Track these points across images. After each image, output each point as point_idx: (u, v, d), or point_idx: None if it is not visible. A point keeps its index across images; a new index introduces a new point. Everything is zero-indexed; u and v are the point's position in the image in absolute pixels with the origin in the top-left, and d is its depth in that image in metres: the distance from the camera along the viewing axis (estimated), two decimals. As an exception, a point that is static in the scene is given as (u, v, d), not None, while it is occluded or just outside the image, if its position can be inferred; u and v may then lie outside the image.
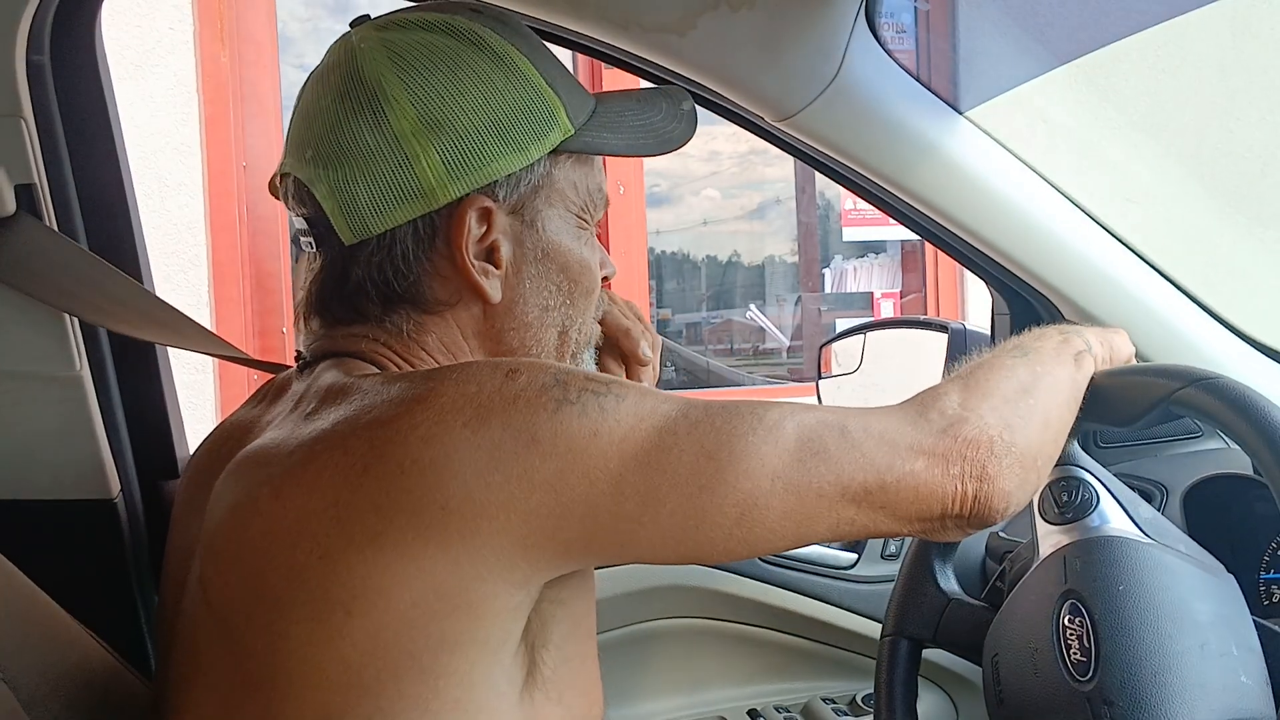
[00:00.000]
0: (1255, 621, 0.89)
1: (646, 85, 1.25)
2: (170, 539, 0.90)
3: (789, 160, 3.83)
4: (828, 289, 4.14)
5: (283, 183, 0.85)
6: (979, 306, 3.78)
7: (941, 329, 1.50)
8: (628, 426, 0.70)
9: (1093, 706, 0.85)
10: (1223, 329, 1.34)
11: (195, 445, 0.95)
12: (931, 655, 1.15)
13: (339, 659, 0.68)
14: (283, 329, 3.25)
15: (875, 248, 4.08)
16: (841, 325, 3.04)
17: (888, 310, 4.02)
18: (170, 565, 0.88)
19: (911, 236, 3.52)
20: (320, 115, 0.81)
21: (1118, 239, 1.32)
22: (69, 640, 0.90)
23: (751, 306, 4.22)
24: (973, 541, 1.32)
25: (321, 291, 0.84)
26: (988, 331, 1.50)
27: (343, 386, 0.76)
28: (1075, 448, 1.00)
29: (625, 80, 1.25)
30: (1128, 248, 1.33)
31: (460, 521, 0.66)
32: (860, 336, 1.61)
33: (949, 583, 1.06)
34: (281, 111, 3.22)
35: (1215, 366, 1.03)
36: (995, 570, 1.10)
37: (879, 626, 1.09)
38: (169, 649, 0.82)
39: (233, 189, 3.15)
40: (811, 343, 4.03)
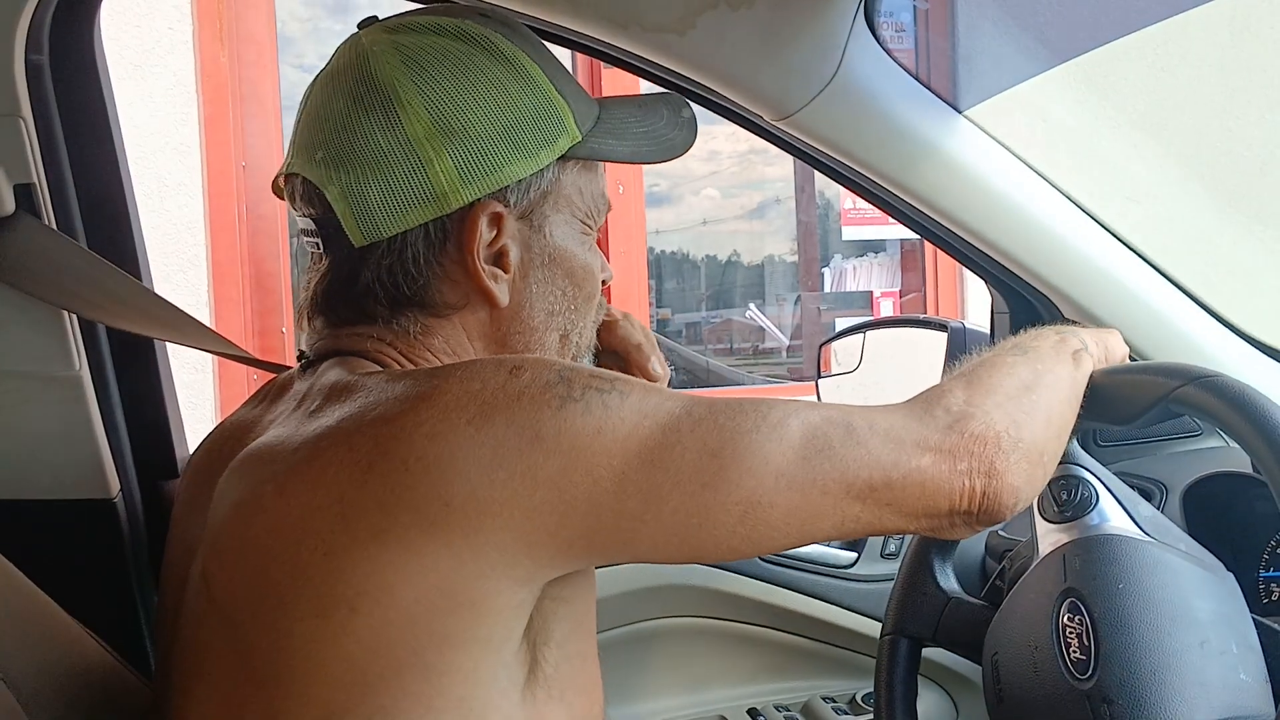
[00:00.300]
0: (1255, 619, 0.89)
1: (647, 85, 1.25)
2: (171, 538, 0.90)
3: (788, 159, 3.82)
4: (827, 288, 4.14)
5: (288, 183, 0.85)
6: (978, 305, 3.78)
7: (941, 328, 1.50)
8: (631, 423, 0.70)
9: (1092, 705, 0.85)
10: (1222, 327, 1.34)
11: (195, 445, 0.95)
12: (931, 654, 1.16)
13: (343, 656, 0.68)
14: (282, 329, 3.25)
15: (875, 247, 4.08)
16: (841, 324, 3.03)
17: (887, 309, 4.02)
18: (171, 564, 0.88)
19: (911, 235, 3.52)
20: (331, 117, 0.81)
21: (1117, 238, 1.32)
22: (69, 640, 0.90)
23: (751, 306, 4.22)
24: (972, 540, 1.32)
25: (328, 292, 0.84)
26: (987, 330, 1.50)
27: (347, 384, 0.76)
28: (1075, 446, 1.00)
29: (625, 79, 1.25)
30: (1127, 246, 1.33)
31: (464, 519, 0.67)
32: (860, 335, 1.61)
33: (949, 581, 1.06)
34: (281, 112, 3.22)
35: (1214, 365, 1.03)
36: (995, 569, 1.10)
37: (879, 625, 1.09)
38: (171, 647, 0.82)
39: (232, 189, 3.14)
40: (811, 342, 4.03)
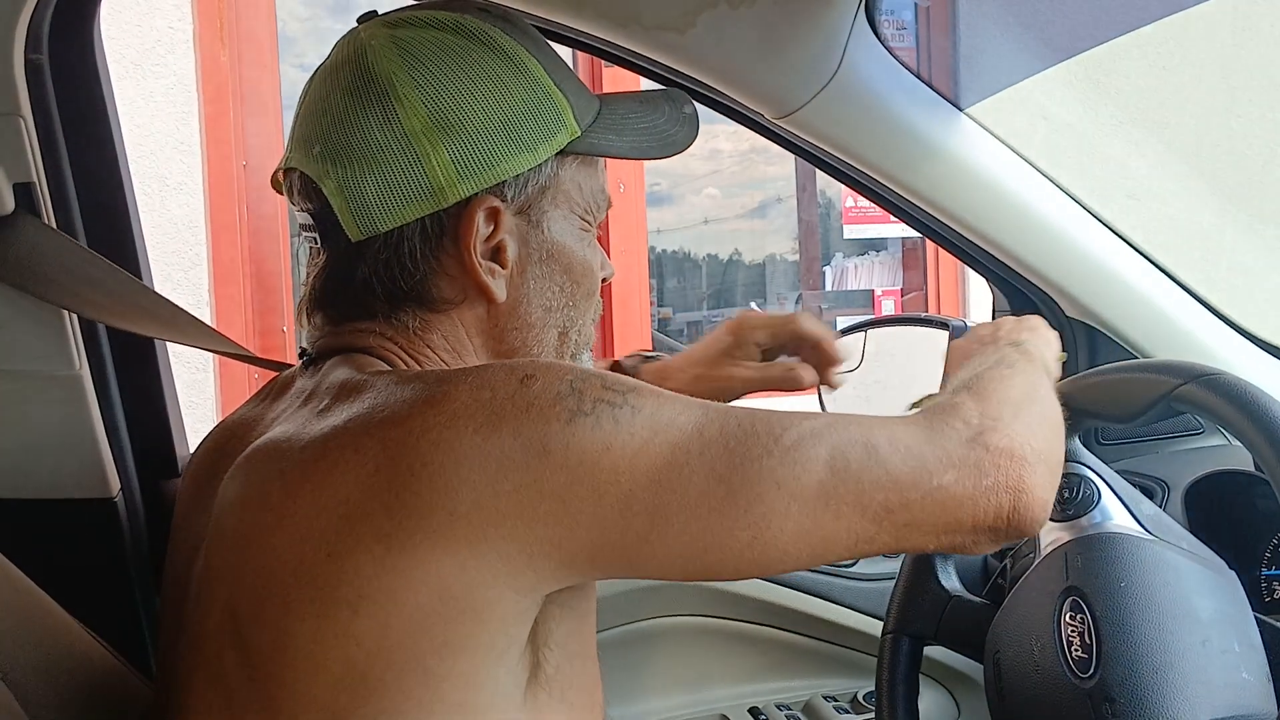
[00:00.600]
0: (1257, 618, 0.89)
1: (647, 83, 1.25)
2: (173, 536, 0.89)
3: (790, 158, 3.82)
4: (828, 287, 4.13)
5: (286, 177, 0.85)
6: (980, 304, 3.78)
7: (943, 326, 1.49)
8: (641, 441, 0.69)
9: (1094, 703, 0.84)
10: (1223, 325, 1.34)
11: (195, 444, 0.95)
12: (933, 653, 1.16)
13: (344, 658, 0.68)
14: (283, 328, 3.25)
15: (876, 245, 4.08)
16: (842, 323, 3.03)
17: (889, 308, 4.02)
18: (173, 563, 0.87)
19: (912, 234, 3.52)
20: (329, 111, 0.81)
21: (1119, 235, 1.32)
22: (69, 639, 0.90)
23: (752, 304, 4.22)
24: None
25: (326, 287, 0.83)
26: (988, 329, 1.50)
27: (356, 383, 0.75)
28: (1077, 444, 1.00)
29: (625, 78, 1.25)
30: (1129, 244, 1.33)
31: (468, 527, 0.66)
32: (861, 334, 1.60)
33: (950, 580, 1.06)
34: (282, 111, 3.22)
35: (1216, 362, 1.03)
36: (996, 567, 1.10)
37: (880, 624, 1.09)
38: (173, 646, 0.82)
39: (233, 188, 3.14)
40: (812, 341, 4.02)
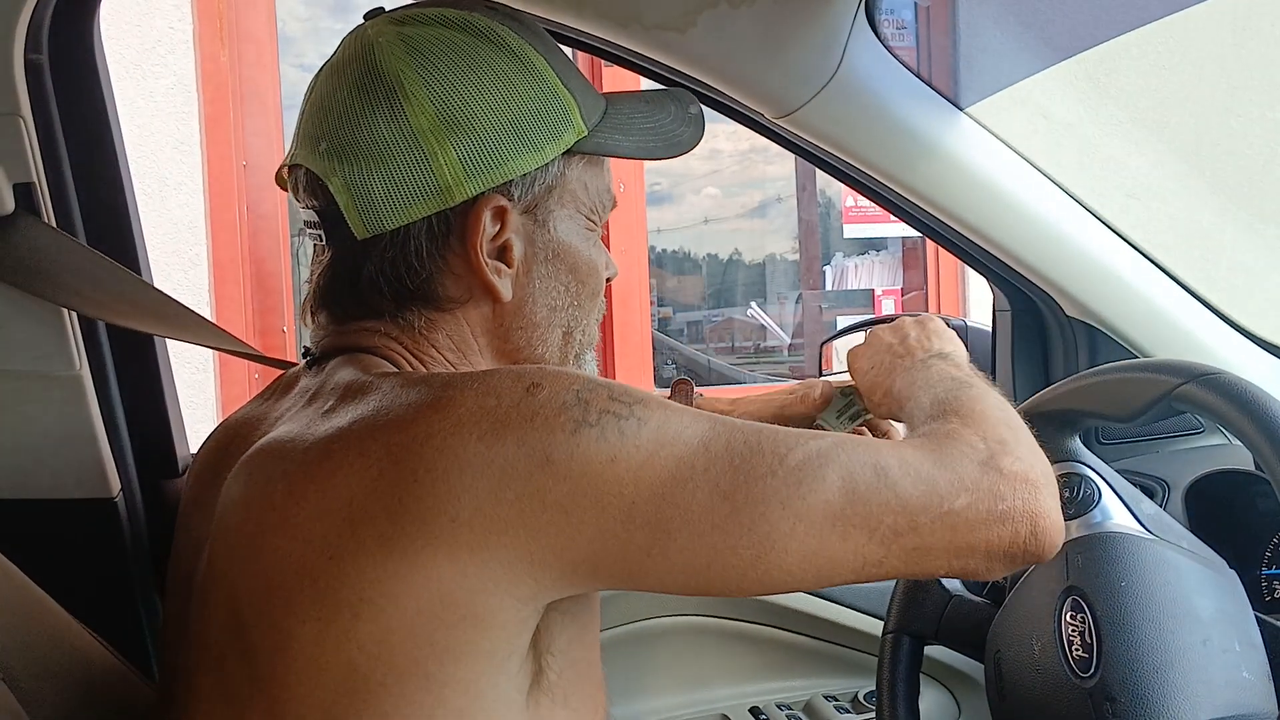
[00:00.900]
0: (1257, 617, 0.89)
1: (648, 83, 1.25)
2: (177, 536, 0.89)
3: (790, 158, 3.82)
4: (829, 286, 4.14)
5: (291, 174, 0.85)
6: (980, 303, 3.78)
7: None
8: (646, 454, 0.68)
9: (1094, 702, 0.84)
10: (1223, 324, 1.34)
11: (196, 444, 0.95)
12: (933, 652, 1.15)
13: (344, 661, 0.68)
14: (283, 328, 3.25)
15: (876, 245, 4.08)
16: (842, 322, 3.03)
17: (889, 307, 4.02)
18: (176, 562, 0.87)
19: (913, 233, 3.52)
20: (336, 108, 0.80)
21: (1119, 235, 1.32)
22: (69, 639, 0.90)
23: (752, 304, 4.22)
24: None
25: (331, 285, 0.83)
26: (989, 328, 1.50)
27: (362, 385, 0.75)
28: (1077, 444, 1.00)
29: (625, 77, 1.25)
30: (1129, 244, 1.33)
31: (470, 534, 0.66)
32: (861, 333, 1.61)
33: (951, 580, 1.06)
34: (281, 111, 3.22)
35: (1216, 362, 1.03)
36: (997, 567, 1.09)
37: (881, 624, 1.09)
38: (176, 645, 0.82)
39: (233, 188, 3.15)
40: (812, 340, 4.03)
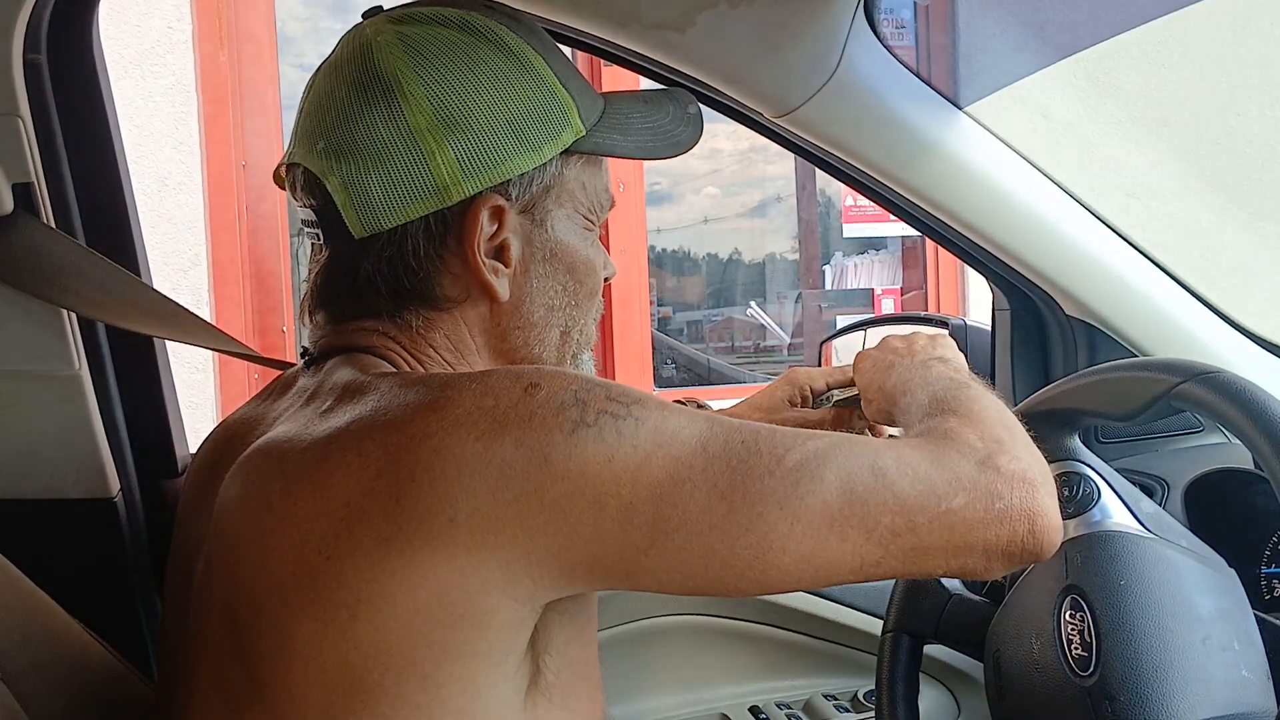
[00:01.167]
0: (1257, 616, 0.89)
1: (647, 82, 1.25)
2: (176, 536, 0.89)
3: (789, 157, 3.82)
4: (828, 286, 4.14)
5: (289, 173, 0.85)
6: (980, 302, 3.78)
7: (942, 325, 1.50)
8: (644, 453, 0.68)
9: (1094, 701, 0.85)
10: (1223, 323, 1.34)
11: (196, 444, 0.95)
12: (933, 651, 1.15)
13: (341, 661, 0.68)
14: (282, 328, 3.25)
15: (876, 244, 4.08)
16: (842, 322, 3.04)
17: (889, 307, 4.02)
18: (176, 563, 0.87)
19: (912, 233, 3.52)
20: (333, 107, 0.80)
21: (1118, 234, 1.32)
22: (68, 639, 0.90)
23: (752, 304, 4.22)
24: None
25: (328, 285, 0.83)
26: (989, 327, 1.50)
27: (360, 385, 0.75)
28: (1076, 443, 1.00)
29: (625, 77, 1.25)
30: (1128, 243, 1.33)
31: (467, 534, 0.66)
32: (861, 333, 1.61)
33: (950, 579, 1.06)
34: (281, 111, 3.22)
35: (1215, 361, 1.03)
36: (996, 566, 1.09)
37: (880, 623, 1.09)
38: (175, 645, 0.82)
39: (232, 188, 3.14)
40: (812, 340, 4.03)
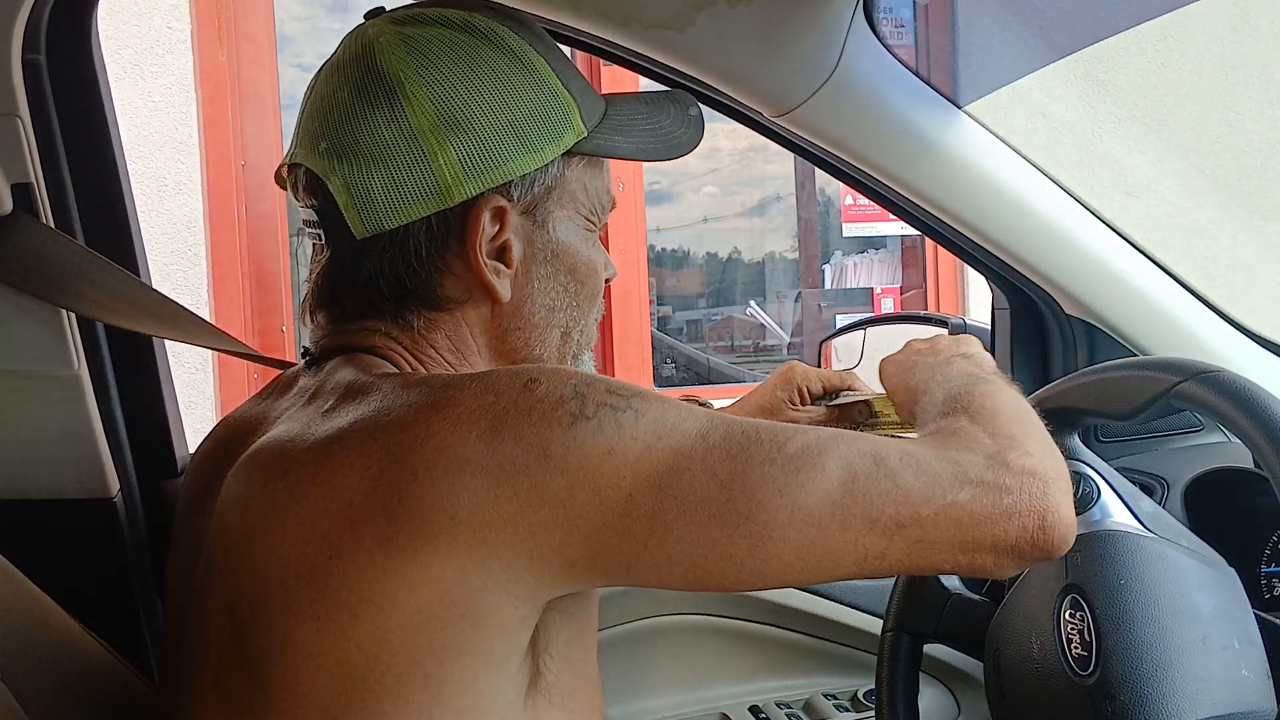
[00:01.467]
0: (1256, 615, 0.89)
1: (646, 82, 1.25)
2: (176, 535, 0.89)
3: (789, 156, 3.82)
4: (828, 285, 4.13)
5: (291, 173, 0.85)
6: (980, 302, 3.78)
7: (942, 324, 1.50)
8: (644, 445, 0.68)
9: (1094, 700, 0.85)
10: (1222, 322, 1.34)
11: (195, 444, 0.95)
12: (933, 650, 1.15)
13: (343, 661, 0.68)
14: (282, 328, 3.25)
15: (875, 243, 4.08)
16: (842, 321, 3.04)
17: (888, 306, 4.02)
18: (177, 561, 0.87)
19: (912, 232, 3.52)
20: (336, 108, 0.80)
21: (1118, 233, 1.32)
22: (68, 639, 0.90)
23: (752, 303, 4.22)
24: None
25: (330, 285, 0.83)
26: (988, 326, 1.50)
27: (362, 385, 0.75)
28: (1076, 442, 1.00)
29: (625, 77, 1.25)
30: (1128, 242, 1.33)
31: (469, 532, 0.66)
32: (860, 332, 1.61)
33: (950, 577, 1.06)
34: (280, 111, 3.22)
35: (1215, 359, 1.03)
36: (996, 565, 1.09)
37: (880, 622, 1.09)
38: (177, 646, 0.82)
39: (232, 188, 3.14)
40: (812, 339, 4.02)
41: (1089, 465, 0.97)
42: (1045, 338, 1.43)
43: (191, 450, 0.97)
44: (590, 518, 0.67)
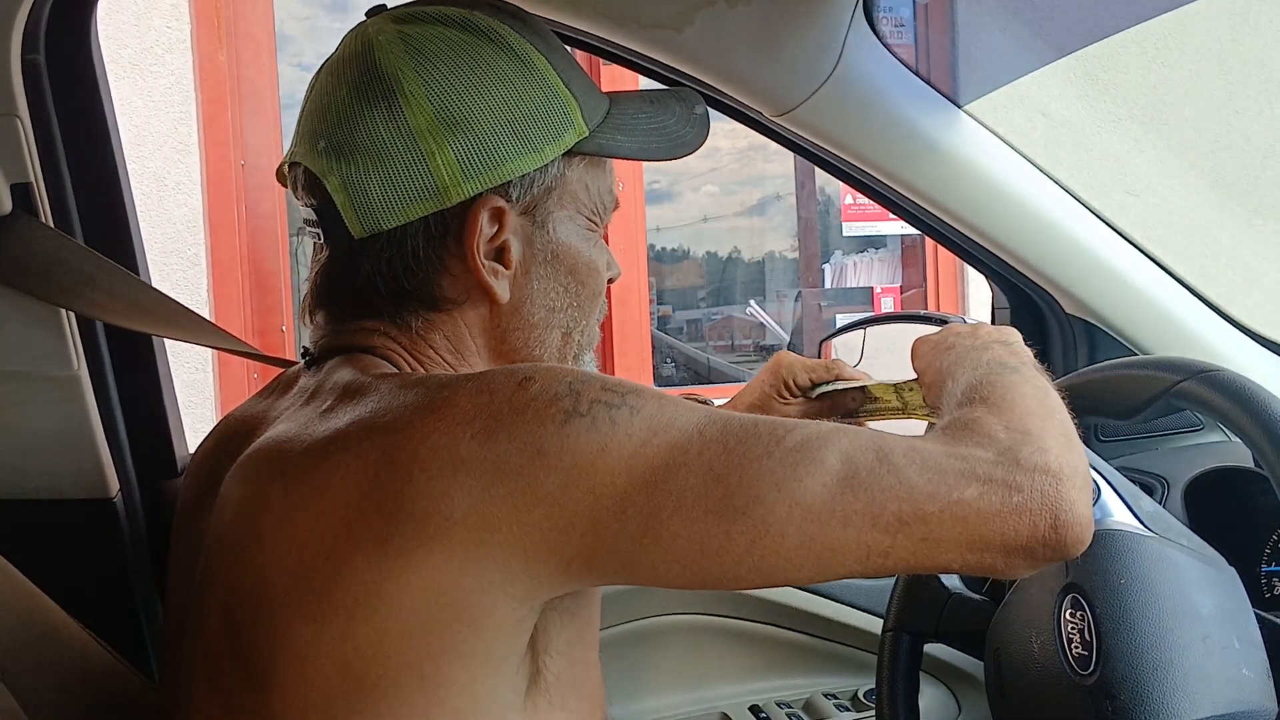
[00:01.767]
0: (1256, 614, 0.89)
1: (646, 82, 1.25)
2: (177, 535, 0.89)
3: (789, 156, 3.82)
4: (828, 284, 4.13)
5: (291, 172, 0.85)
6: (980, 301, 3.78)
7: (942, 324, 1.49)
8: (638, 442, 0.67)
9: (1095, 700, 0.84)
10: (1222, 321, 1.34)
11: (195, 444, 0.95)
12: (933, 650, 1.15)
13: (340, 663, 0.68)
14: (282, 328, 3.25)
15: (875, 243, 4.07)
16: (841, 320, 3.04)
17: (888, 305, 4.02)
18: (176, 562, 0.87)
19: (912, 231, 3.52)
20: (334, 107, 0.80)
21: (1118, 232, 1.32)
22: (68, 640, 0.90)
23: (752, 302, 4.22)
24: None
25: (328, 284, 0.83)
26: (988, 326, 1.50)
27: (360, 385, 0.75)
28: (1076, 441, 0.99)
29: (625, 77, 1.25)
30: (1128, 241, 1.33)
31: (464, 532, 0.66)
32: (860, 331, 1.60)
33: (950, 577, 1.06)
34: (280, 110, 3.22)
35: (1215, 359, 1.03)
36: (996, 564, 1.09)
37: (880, 621, 1.09)
38: (176, 647, 0.82)
39: (231, 188, 3.14)
40: (812, 338, 4.02)
41: (1089, 464, 0.97)
42: (1045, 337, 1.43)
43: (191, 450, 0.97)
44: (585, 516, 0.67)
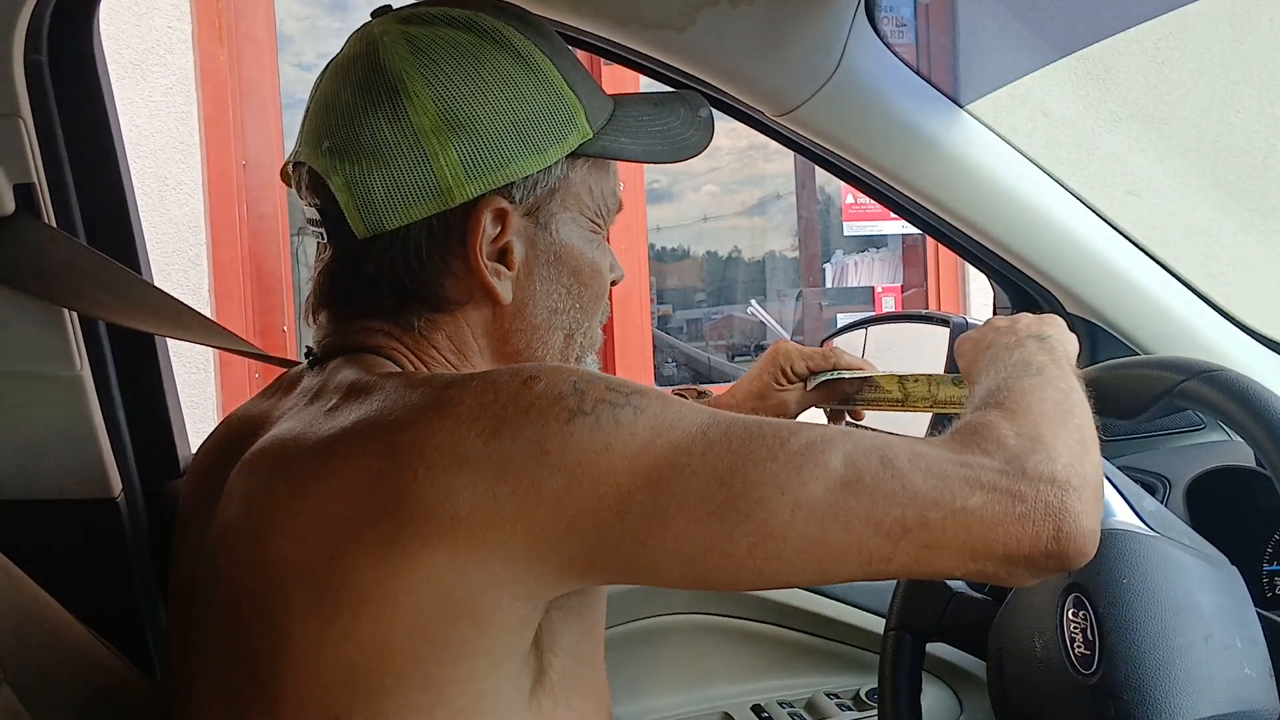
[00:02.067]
0: (1259, 613, 0.89)
1: (648, 82, 1.25)
2: (179, 534, 0.89)
3: (789, 155, 3.82)
4: (829, 284, 4.14)
5: (295, 171, 0.85)
6: (981, 300, 3.78)
7: (943, 323, 1.50)
8: (642, 441, 0.67)
9: (1097, 699, 0.84)
10: (1224, 321, 1.34)
11: (197, 444, 0.95)
12: (935, 649, 1.15)
13: (344, 661, 0.68)
14: (283, 327, 3.25)
15: (876, 242, 4.08)
16: (842, 320, 3.04)
17: (889, 305, 4.02)
18: (181, 562, 0.87)
19: (913, 231, 3.52)
20: (339, 107, 0.80)
21: (1119, 231, 1.32)
22: (71, 640, 0.90)
23: (752, 302, 4.22)
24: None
25: (332, 284, 0.83)
26: (989, 325, 1.50)
27: (365, 385, 0.75)
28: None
29: (625, 77, 1.25)
30: (1129, 240, 1.33)
31: (469, 531, 0.66)
32: (861, 331, 1.61)
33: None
34: (281, 110, 3.22)
35: (1217, 358, 1.03)
36: (998, 564, 1.09)
37: (883, 621, 1.09)
38: (179, 645, 0.82)
39: (233, 188, 3.15)
40: (813, 338, 4.03)
41: (1093, 465, 0.97)
42: (1047, 336, 1.43)
43: (194, 450, 0.97)
44: (588, 515, 0.67)
